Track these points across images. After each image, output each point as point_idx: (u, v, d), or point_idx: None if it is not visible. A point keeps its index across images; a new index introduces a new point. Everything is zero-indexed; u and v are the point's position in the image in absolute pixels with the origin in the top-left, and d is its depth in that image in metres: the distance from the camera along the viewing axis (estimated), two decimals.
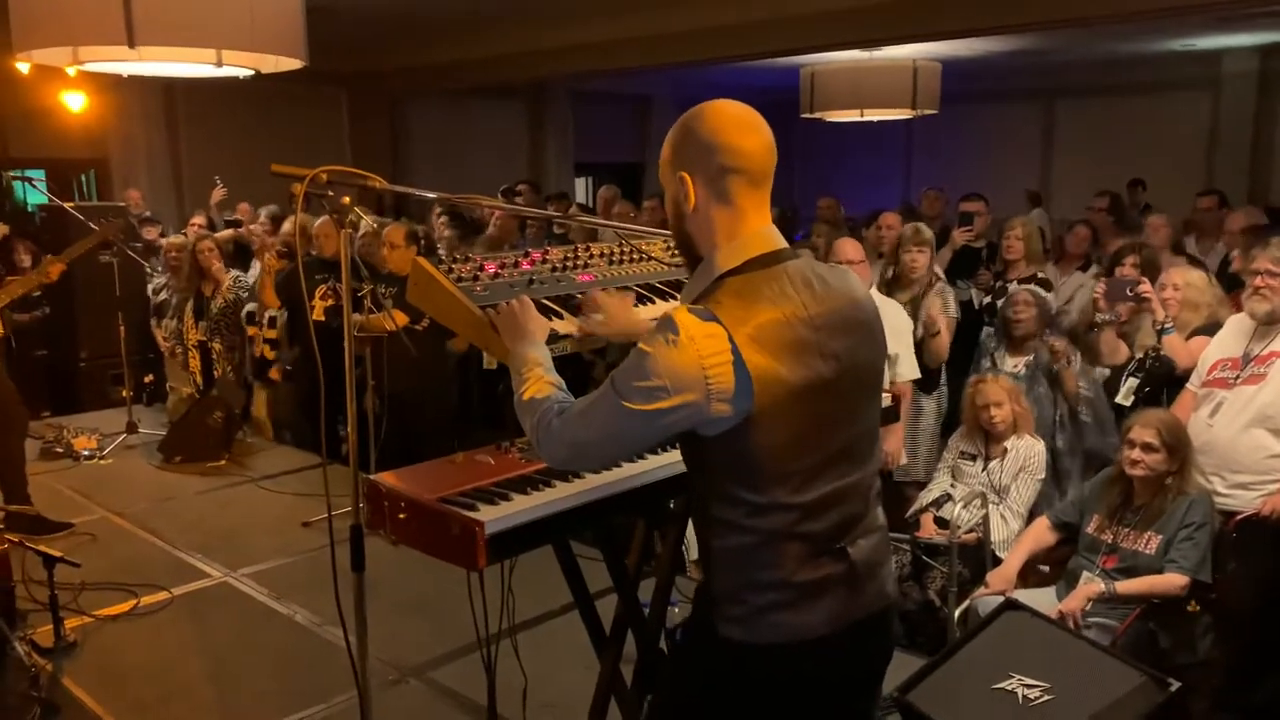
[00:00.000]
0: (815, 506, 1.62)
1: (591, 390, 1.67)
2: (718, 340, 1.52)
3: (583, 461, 1.71)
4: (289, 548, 4.29)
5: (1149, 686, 2.55)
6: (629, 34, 9.06)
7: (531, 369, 1.78)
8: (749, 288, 1.59)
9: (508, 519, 1.81)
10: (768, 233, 1.66)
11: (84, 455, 5.55)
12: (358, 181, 2.05)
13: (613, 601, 2.32)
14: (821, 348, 1.60)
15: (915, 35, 7.85)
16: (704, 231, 1.66)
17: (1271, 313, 3.41)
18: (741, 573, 1.64)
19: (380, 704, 2.96)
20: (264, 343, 5.87)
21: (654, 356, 1.53)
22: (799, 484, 1.60)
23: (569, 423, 1.64)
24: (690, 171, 1.65)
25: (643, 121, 15.13)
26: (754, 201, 1.65)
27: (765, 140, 1.65)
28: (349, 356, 2.22)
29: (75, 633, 3.51)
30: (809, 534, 1.62)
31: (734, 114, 1.65)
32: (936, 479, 4.33)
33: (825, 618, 1.64)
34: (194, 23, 4.01)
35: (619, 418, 1.57)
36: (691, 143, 1.65)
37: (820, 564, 1.64)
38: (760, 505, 1.60)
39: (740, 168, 1.62)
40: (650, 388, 1.53)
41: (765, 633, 1.64)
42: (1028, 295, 4.59)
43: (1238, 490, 3.41)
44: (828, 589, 1.65)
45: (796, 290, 1.61)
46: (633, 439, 1.62)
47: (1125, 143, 11.89)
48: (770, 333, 1.55)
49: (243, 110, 10.31)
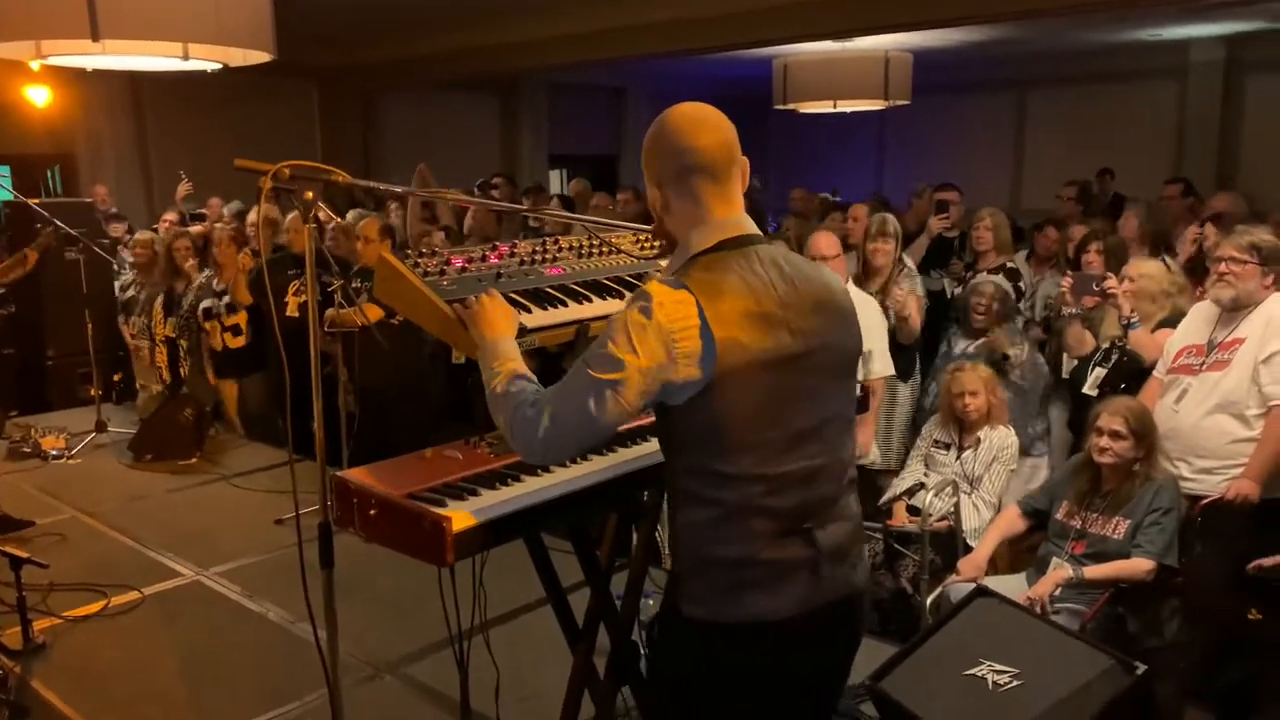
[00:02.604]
0: (781, 481, 1.66)
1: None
2: (686, 306, 1.60)
3: (558, 449, 1.68)
4: (261, 545, 4.26)
5: (1116, 670, 2.59)
6: (602, 26, 9.04)
7: (503, 363, 1.79)
8: (718, 264, 1.68)
9: (477, 514, 1.81)
10: (738, 220, 1.75)
11: (52, 455, 5.47)
12: (321, 176, 2.04)
13: (588, 593, 2.33)
14: (789, 323, 1.67)
15: (887, 26, 7.89)
16: (679, 226, 1.77)
17: (1236, 299, 3.46)
18: (706, 548, 1.67)
19: (354, 700, 2.95)
20: (224, 331, 5.80)
21: (625, 324, 1.61)
22: (765, 455, 1.65)
23: (542, 409, 1.65)
24: (660, 176, 1.76)
25: (618, 113, 15.10)
26: (718, 194, 1.74)
27: (720, 137, 1.73)
28: (314, 351, 2.21)
29: (44, 634, 3.46)
30: (774, 510, 1.65)
31: (689, 115, 1.74)
32: (910, 468, 4.37)
33: (791, 601, 1.67)
34: (159, 16, 3.97)
35: (591, 390, 1.60)
36: (656, 150, 1.77)
37: (786, 544, 1.67)
38: (727, 475, 1.64)
39: (698, 165, 1.72)
40: (617, 356, 1.59)
41: (730, 611, 1.66)
42: (990, 286, 4.66)
43: (1203, 475, 3.46)
44: (794, 571, 1.67)
45: (765, 269, 1.69)
46: (607, 413, 1.61)
47: (1096, 132, 12.00)
48: (736, 303, 1.63)
49: (212, 104, 10.19)
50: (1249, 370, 3.38)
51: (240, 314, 5.76)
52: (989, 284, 4.69)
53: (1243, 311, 3.46)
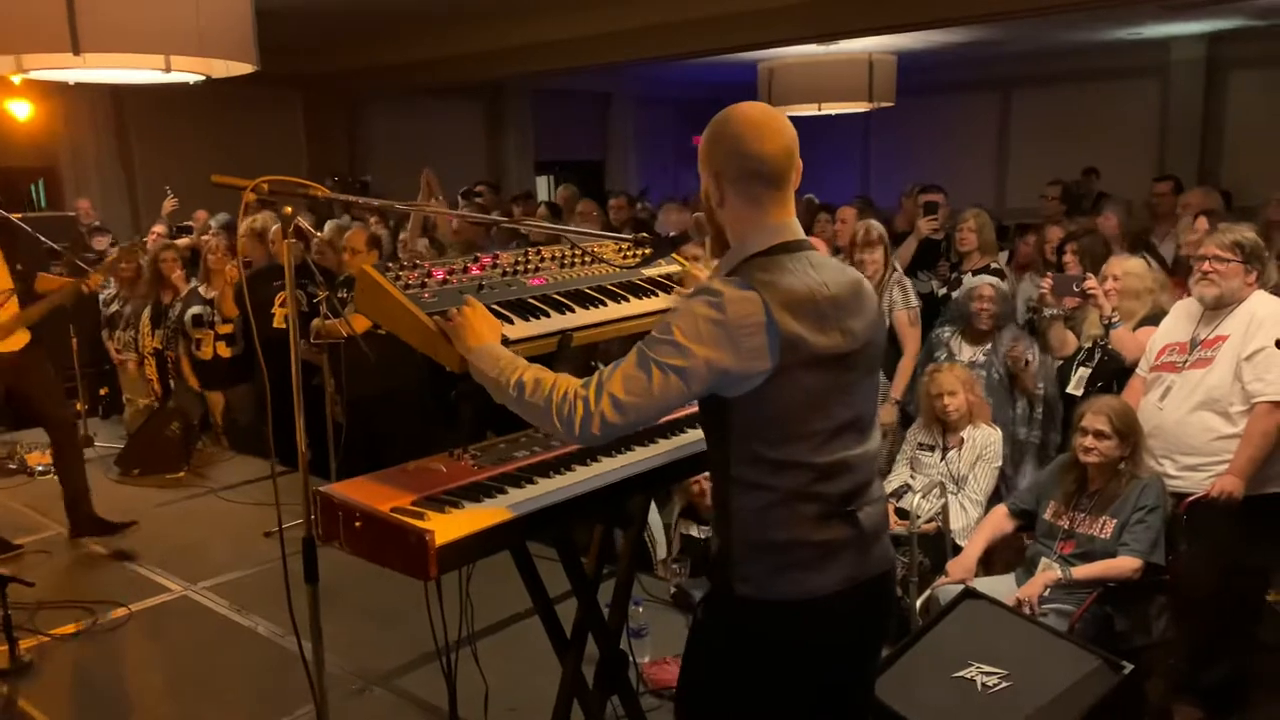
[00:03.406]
0: (830, 470, 1.76)
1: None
2: (752, 304, 1.68)
3: (620, 430, 1.73)
4: (250, 559, 4.24)
5: (1104, 670, 2.60)
6: (587, 32, 9.05)
7: (513, 364, 1.82)
8: (775, 266, 1.76)
9: (460, 527, 1.80)
10: (792, 224, 1.84)
11: (38, 471, 5.44)
12: (300, 191, 2.03)
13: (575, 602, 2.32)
14: (839, 323, 1.77)
15: (870, 29, 7.93)
16: (732, 223, 1.84)
17: (1219, 298, 3.47)
18: (759, 531, 1.76)
19: (343, 714, 2.94)
20: (217, 340, 5.77)
21: (693, 314, 1.68)
22: (815, 445, 1.75)
23: (600, 394, 1.69)
24: (717, 171, 1.82)
25: (604, 118, 15.09)
26: (775, 199, 1.82)
27: (784, 143, 1.80)
28: (295, 364, 2.20)
29: (31, 653, 3.43)
30: (824, 495, 1.76)
31: (756, 119, 1.80)
32: (895, 470, 4.38)
33: (838, 578, 1.77)
34: (140, 28, 3.95)
35: (656, 375, 1.67)
36: (718, 146, 1.82)
37: (832, 526, 1.77)
38: (781, 462, 1.74)
39: (759, 171, 1.79)
40: (684, 344, 1.66)
41: (782, 589, 1.75)
42: (989, 289, 4.62)
43: (1188, 473, 3.47)
44: (840, 550, 1.78)
45: (817, 271, 1.79)
46: (668, 398, 1.69)
47: (1079, 131, 12.07)
48: (797, 303, 1.71)
49: (196, 116, 10.16)
50: (1232, 367, 3.39)
51: (233, 323, 5.74)
52: (987, 286, 4.64)
53: (1225, 309, 3.48)
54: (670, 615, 3.55)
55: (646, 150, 15.50)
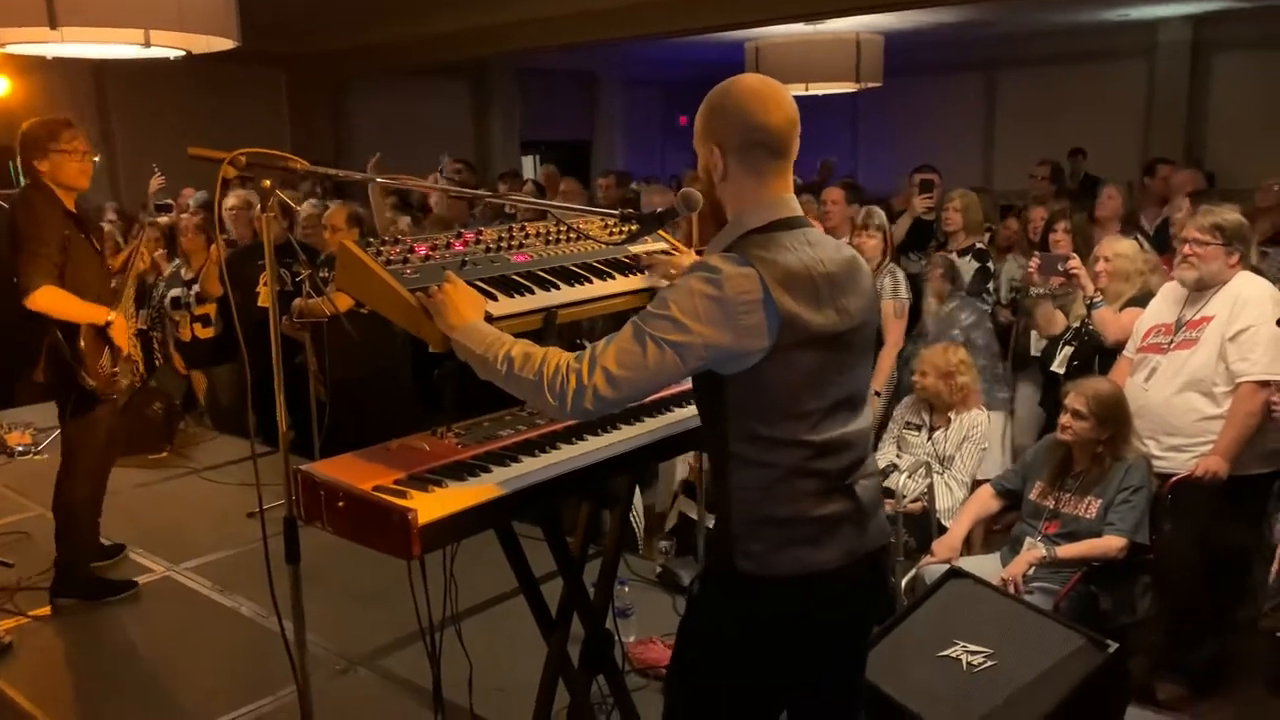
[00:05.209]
0: (825, 446, 1.76)
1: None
2: (750, 280, 1.66)
3: (612, 405, 1.73)
4: (233, 539, 4.22)
5: (1088, 649, 2.60)
6: (571, 10, 8.97)
7: (499, 339, 1.79)
8: (773, 243, 1.73)
9: (443, 505, 1.78)
10: (790, 199, 1.81)
11: (18, 451, 5.39)
12: (277, 164, 2.00)
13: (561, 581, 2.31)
14: (835, 301, 1.75)
15: (857, 8, 7.89)
16: (732, 196, 1.81)
17: (1200, 280, 3.48)
18: (759, 508, 1.75)
19: (327, 693, 2.93)
20: (194, 322, 5.72)
21: (690, 290, 1.66)
22: (812, 424, 1.74)
23: (592, 368, 1.67)
24: (719, 143, 1.79)
25: (590, 98, 14.99)
26: (777, 169, 1.79)
27: (786, 114, 1.78)
28: (275, 341, 2.16)
29: (10, 634, 3.41)
30: (822, 471, 1.76)
31: (760, 90, 1.78)
32: (882, 449, 4.38)
33: (838, 553, 1.77)
34: (118, 2, 3.89)
35: (651, 350, 1.65)
36: (719, 117, 1.79)
37: (832, 500, 1.77)
38: (779, 440, 1.73)
39: (762, 141, 1.76)
40: (681, 320, 1.65)
41: (785, 565, 1.75)
42: (938, 260, 4.94)
43: (1172, 453, 3.49)
44: (839, 525, 1.78)
45: (814, 249, 1.77)
46: (664, 374, 1.68)
47: (1065, 112, 12.04)
48: (794, 280, 1.69)
49: (178, 94, 10.04)
50: (1216, 348, 3.40)
51: (209, 304, 5.67)
52: (938, 256, 4.94)
53: (1210, 290, 3.48)
54: (655, 595, 3.55)
55: (633, 130, 15.49)
